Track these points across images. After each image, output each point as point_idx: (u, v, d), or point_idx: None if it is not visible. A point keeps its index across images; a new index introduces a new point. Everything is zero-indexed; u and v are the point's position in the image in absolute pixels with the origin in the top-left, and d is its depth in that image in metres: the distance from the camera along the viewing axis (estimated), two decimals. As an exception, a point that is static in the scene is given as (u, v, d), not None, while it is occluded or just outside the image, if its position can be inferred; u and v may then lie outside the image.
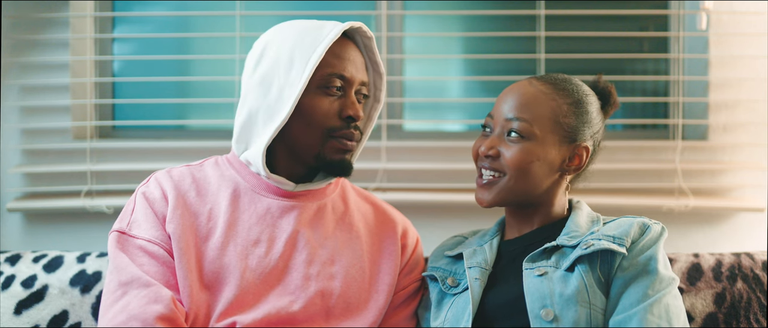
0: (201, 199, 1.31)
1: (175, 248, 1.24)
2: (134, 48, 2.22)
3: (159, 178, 1.34)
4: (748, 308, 1.52)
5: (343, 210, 1.39)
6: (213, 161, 1.40)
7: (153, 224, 1.26)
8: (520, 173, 1.25)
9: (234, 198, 1.32)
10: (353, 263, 1.34)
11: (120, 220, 1.29)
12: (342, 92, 1.30)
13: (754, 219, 2.03)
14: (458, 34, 2.24)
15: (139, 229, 1.26)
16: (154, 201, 1.29)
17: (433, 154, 2.05)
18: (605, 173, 2.02)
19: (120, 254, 1.24)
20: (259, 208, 1.31)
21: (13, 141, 2.05)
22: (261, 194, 1.32)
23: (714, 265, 1.57)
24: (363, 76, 1.33)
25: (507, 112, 1.27)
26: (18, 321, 1.51)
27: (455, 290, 1.30)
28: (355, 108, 1.30)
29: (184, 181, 1.33)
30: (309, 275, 1.28)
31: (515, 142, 1.25)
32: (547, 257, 1.22)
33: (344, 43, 1.31)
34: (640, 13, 2.13)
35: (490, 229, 1.40)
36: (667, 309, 1.13)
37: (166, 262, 1.24)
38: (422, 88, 2.21)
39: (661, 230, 1.23)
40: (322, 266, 1.30)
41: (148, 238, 1.25)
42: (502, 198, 1.28)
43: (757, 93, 2.03)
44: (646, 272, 1.16)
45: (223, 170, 1.36)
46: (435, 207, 2.02)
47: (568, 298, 1.14)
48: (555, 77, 1.31)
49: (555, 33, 2.06)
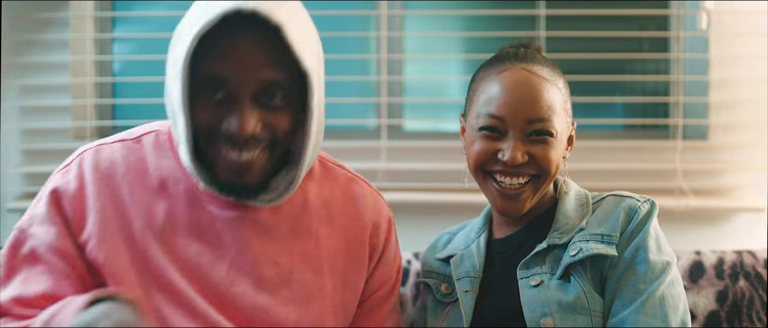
0: (133, 199, 1.06)
1: (107, 274, 1.02)
2: (134, 48, 2.22)
3: (84, 165, 1.08)
4: (750, 306, 1.52)
5: (300, 207, 1.15)
6: (153, 140, 1.12)
7: (57, 230, 1.04)
8: (554, 170, 1.18)
9: (172, 203, 1.07)
10: (311, 281, 1.13)
11: (26, 214, 1.10)
12: (228, 98, 1.00)
13: (755, 219, 2.03)
14: (458, 34, 2.24)
15: (38, 232, 1.06)
16: (66, 198, 1.05)
17: (433, 154, 2.05)
18: (605, 172, 2.02)
19: (5, 252, 1.06)
20: (201, 220, 1.08)
21: (13, 141, 2.05)
22: (204, 200, 1.08)
23: (716, 263, 1.56)
24: (261, 75, 0.99)
25: (527, 113, 1.14)
26: (18, 321, 1.50)
27: (450, 297, 1.24)
28: (237, 121, 0.98)
29: (115, 172, 1.07)
30: (258, 305, 1.08)
31: (542, 142, 1.15)
32: (541, 262, 1.16)
33: (233, 34, 0.99)
34: (640, 13, 2.13)
35: (475, 223, 1.32)
36: (662, 302, 1.07)
37: (60, 270, 1.02)
38: (422, 88, 2.21)
39: (649, 207, 1.15)
40: (273, 290, 1.10)
41: (49, 243, 1.04)
42: (535, 201, 1.20)
43: (757, 93, 2.03)
44: (635, 266, 1.10)
45: (163, 154, 1.10)
46: (435, 207, 2.01)
47: (567, 306, 1.10)
48: (542, 58, 1.22)
49: (555, 33, 2.06)
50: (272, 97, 1.02)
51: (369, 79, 2.15)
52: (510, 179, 1.16)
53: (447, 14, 2.20)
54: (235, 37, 0.99)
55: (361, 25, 2.19)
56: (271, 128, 1.03)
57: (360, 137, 2.12)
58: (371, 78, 2.15)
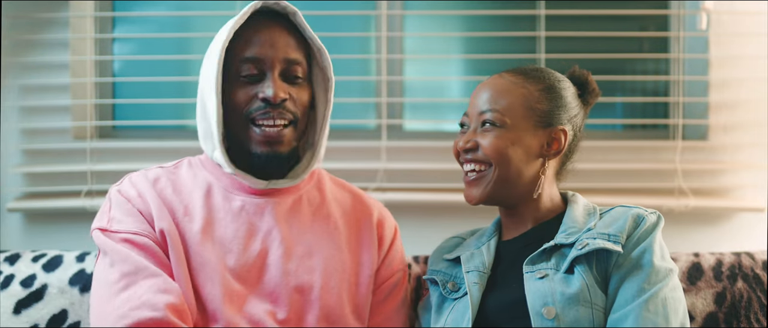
0: (177, 197, 1.28)
1: (169, 244, 1.21)
2: (134, 48, 2.22)
3: (133, 178, 1.30)
4: (748, 308, 1.52)
5: (319, 201, 1.37)
6: (186, 163, 1.37)
7: (135, 218, 1.23)
8: (500, 159, 1.25)
9: (208, 197, 1.29)
10: (333, 255, 1.31)
11: (98, 219, 1.26)
12: (260, 76, 1.25)
13: (754, 219, 2.03)
14: (458, 34, 2.24)
15: (121, 224, 1.22)
16: (131, 198, 1.26)
17: (433, 154, 2.05)
18: (605, 172, 2.02)
19: (117, 246, 1.19)
20: (233, 207, 1.28)
21: (13, 141, 2.05)
22: (234, 193, 1.30)
23: (714, 264, 1.57)
24: (286, 54, 1.26)
25: (480, 106, 1.28)
26: (17, 321, 1.51)
27: (456, 294, 1.29)
28: (272, 88, 1.23)
29: (159, 180, 1.30)
30: (287, 271, 1.26)
31: (489, 132, 1.26)
32: (547, 259, 1.21)
33: (260, 24, 1.27)
34: (640, 13, 2.13)
35: (487, 228, 1.39)
36: (664, 303, 1.12)
37: (155, 254, 1.20)
38: (422, 88, 2.21)
39: (656, 219, 1.22)
40: (300, 260, 1.27)
41: (134, 230, 1.21)
42: (490, 192, 1.27)
43: (757, 93, 2.02)
44: (640, 266, 1.15)
45: (196, 170, 1.34)
46: (435, 207, 2.01)
47: (570, 297, 1.14)
48: (526, 68, 1.32)
49: (555, 33, 2.06)
50: (295, 74, 1.27)
51: (369, 79, 2.15)
52: (467, 165, 1.31)
53: (447, 14, 2.20)
54: (262, 27, 1.26)
55: (361, 25, 2.20)
56: (294, 101, 1.27)
57: (360, 137, 2.12)
58: (371, 78, 2.15)
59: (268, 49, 1.25)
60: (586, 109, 1.35)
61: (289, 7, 1.28)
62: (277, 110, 1.24)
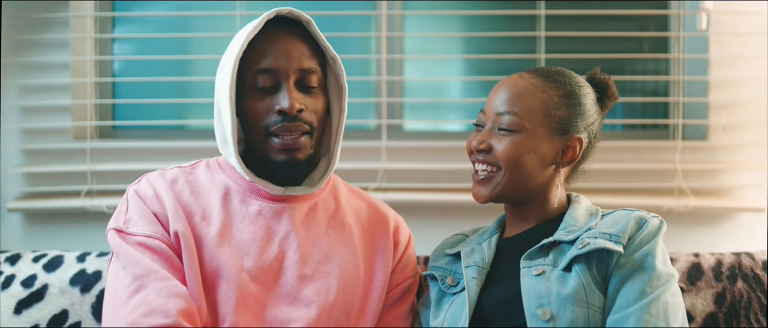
0: (195, 199, 1.29)
1: (183, 246, 1.22)
2: (134, 48, 2.22)
3: (151, 178, 1.31)
4: (748, 308, 1.52)
5: (334, 208, 1.38)
6: (204, 164, 1.37)
7: (150, 220, 1.24)
8: (513, 165, 1.24)
9: (225, 200, 1.30)
10: (347, 260, 1.32)
11: (115, 219, 1.27)
12: (275, 87, 1.26)
13: (754, 219, 2.03)
14: (458, 34, 2.24)
15: (136, 226, 1.23)
16: (148, 198, 1.27)
17: (433, 154, 2.05)
18: (605, 172, 2.02)
19: (129, 249, 1.20)
20: (250, 210, 1.29)
21: (13, 141, 2.05)
22: (252, 197, 1.31)
23: (714, 265, 1.57)
24: (301, 64, 1.26)
25: (498, 107, 1.27)
26: (18, 321, 1.51)
27: (455, 289, 1.29)
28: (288, 99, 1.23)
29: (177, 181, 1.31)
30: (304, 275, 1.27)
31: (506, 136, 1.25)
32: (545, 255, 1.21)
33: (274, 34, 1.26)
34: (640, 13, 2.13)
35: (490, 226, 1.39)
36: (665, 308, 1.11)
37: (168, 257, 1.21)
38: (422, 88, 2.21)
39: (659, 223, 1.21)
40: (316, 265, 1.29)
41: (148, 233, 1.22)
42: (498, 193, 1.27)
43: (757, 93, 2.03)
44: (642, 269, 1.14)
45: (214, 173, 1.34)
46: (435, 207, 2.02)
47: (566, 297, 1.13)
48: (547, 70, 1.30)
49: (555, 33, 2.06)
50: (310, 83, 1.27)
51: (369, 79, 2.15)
52: (478, 165, 1.29)
53: (447, 14, 2.20)
54: (276, 37, 1.26)
55: (361, 25, 2.20)
56: (310, 111, 1.27)
57: (360, 137, 2.12)
58: (371, 78, 2.15)
59: (283, 60, 1.25)
60: (602, 114, 1.34)
61: (303, 16, 1.28)
62: (294, 123, 1.24)
